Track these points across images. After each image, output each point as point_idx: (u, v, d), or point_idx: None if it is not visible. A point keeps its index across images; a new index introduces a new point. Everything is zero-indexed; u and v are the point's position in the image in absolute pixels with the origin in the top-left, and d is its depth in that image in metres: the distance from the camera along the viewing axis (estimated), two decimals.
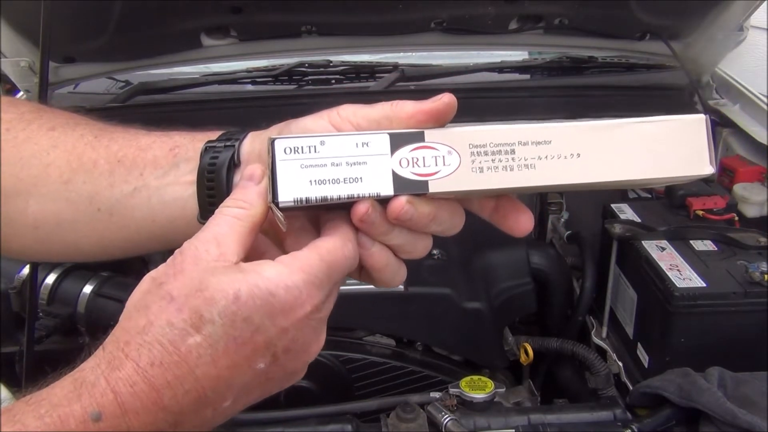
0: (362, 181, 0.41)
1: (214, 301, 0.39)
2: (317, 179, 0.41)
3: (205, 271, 0.40)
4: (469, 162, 0.42)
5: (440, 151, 0.42)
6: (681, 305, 0.95)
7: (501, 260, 1.17)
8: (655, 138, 0.42)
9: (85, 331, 1.06)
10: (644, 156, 0.42)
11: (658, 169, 0.42)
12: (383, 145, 0.42)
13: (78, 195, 0.51)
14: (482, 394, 0.87)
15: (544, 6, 1.36)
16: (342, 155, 0.42)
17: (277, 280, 0.40)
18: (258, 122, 1.47)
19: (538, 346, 1.17)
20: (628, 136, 0.42)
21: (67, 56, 1.32)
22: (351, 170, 0.41)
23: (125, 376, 0.38)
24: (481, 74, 1.57)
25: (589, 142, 0.42)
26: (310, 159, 0.41)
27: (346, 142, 0.42)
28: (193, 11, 1.28)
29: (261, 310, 0.39)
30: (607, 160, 0.42)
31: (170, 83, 1.49)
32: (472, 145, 0.42)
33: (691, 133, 0.42)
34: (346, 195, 0.41)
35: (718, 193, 1.21)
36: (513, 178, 0.42)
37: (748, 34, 1.36)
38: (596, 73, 1.59)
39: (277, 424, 0.86)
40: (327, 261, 0.42)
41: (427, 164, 0.42)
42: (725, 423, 0.76)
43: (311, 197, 0.41)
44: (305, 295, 0.41)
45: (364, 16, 1.32)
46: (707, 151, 0.42)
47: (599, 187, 0.43)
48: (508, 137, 0.42)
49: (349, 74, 1.57)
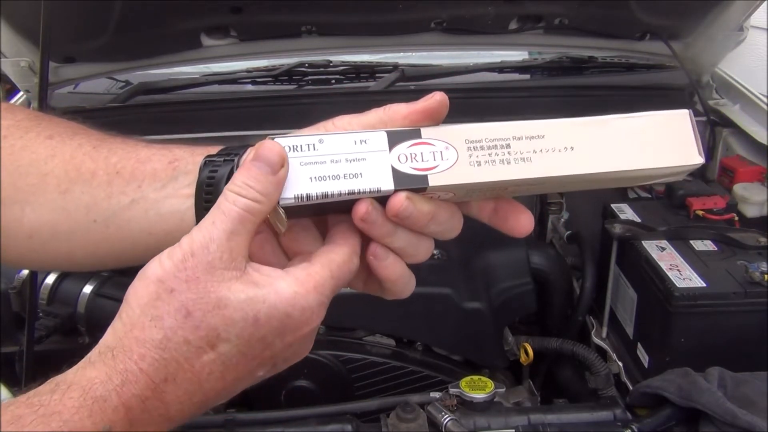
0: (362, 177, 0.41)
1: (233, 321, 0.39)
2: (317, 176, 0.41)
3: (220, 283, 0.39)
4: (466, 156, 0.42)
5: (437, 146, 0.42)
6: (681, 305, 0.95)
7: (501, 260, 1.17)
8: (643, 132, 0.44)
9: (85, 331, 1.06)
10: (636, 148, 0.43)
11: (650, 160, 0.43)
12: (381, 141, 0.42)
13: (75, 205, 0.50)
14: (482, 394, 0.87)
15: (544, 6, 1.36)
16: (341, 152, 0.42)
17: (293, 301, 0.40)
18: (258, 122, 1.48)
19: (538, 346, 1.17)
20: (619, 131, 0.44)
21: (67, 56, 1.32)
22: (350, 166, 0.42)
23: (138, 392, 0.38)
24: (481, 74, 1.57)
25: (581, 136, 0.43)
26: (309, 156, 0.41)
27: (345, 140, 0.42)
28: (193, 11, 1.28)
29: (275, 330, 0.40)
30: (599, 152, 0.43)
31: (170, 83, 1.49)
32: (468, 140, 0.43)
33: (676, 126, 0.44)
34: (347, 190, 0.41)
35: (718, 193, 1.21)
36: (510, 170, 0.42)
37: (748, 34, 1.36)
38: (596, 73, 1.59)
39: (277, 424, 0.86)
40: (336, 277, 0.42)
41: (425, 159, 0.42)
42: (725, 423, 0.76)
43: (312, 193, 0.41)
44: (315, 315, 0.41)
45: (364, 16, 1.32)
46: (694, 143, 0.44)
47: (596, 180, 0.44)
48: (503, 133, 0.43)
49: (349, 74, 1.57)
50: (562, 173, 0.43)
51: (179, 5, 1.24)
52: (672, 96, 1.48)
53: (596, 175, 0.43)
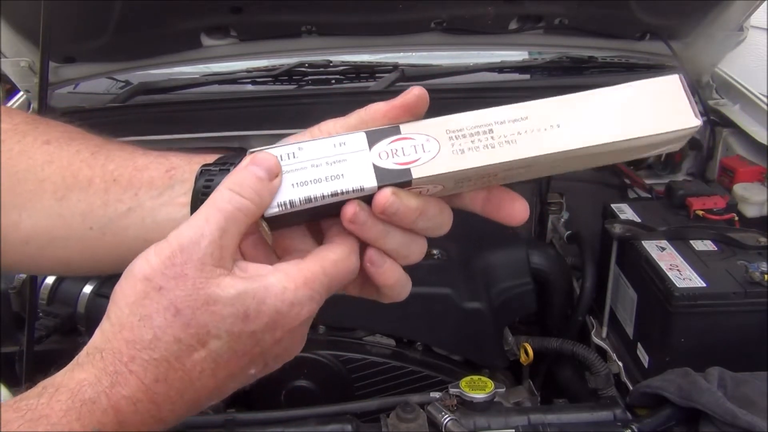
0: (344, 177, 0.41)
1: (223, 318, 0.39)
2: (299, 182, 0.41)
3: (209, 279, 0.39)
4: (449, 146, 0.42)
5: (418, 140, 0.42)
6: (681, 305, 0.95)
7: (501, 260, 1.17)
8: (633, 101, 0.42)
9: (85, 331, 1.06)
10: (626, 118, 0.42)
11: (643, 128, 0.42)
12: (360, 142, 0.42)
13: (71, 212, 0.50)
14: (482, 394, 0.87)
15: (544, 6, 1.36)
16: (321, 157, 0.42)
17: (282, 296, 0.40)
18: (258, 122, 1.47)
19: (538, 346, 1.16)
20: (606, 103, 0.42)
21: (67, 56, 1.32)
22: (331, 168, 0.41)
23: (129, 394, 0.38)
24: (481, 74, 1.57)
25: (566, 112, 0.42)
26: (289, 165, 0.42)
27: (324, 145, 0.42)
28: (193, 11, 1.28)
29: (265, 326, 0.40)
30: (587, 126, 0.42)
31: (170, 83, 1.49)
32: (449, 130, 0.42)
33: (667, 92, 0.42)
34: (330, 192, 0.41)
35: (718, 193, 1.21)
36: (496, 154, 0.42)
37: (748, 34, 1.36)
38: (596, 73, 1.59)
39: (277, 424, 0.86)
40: (330, 274, 0.42)
41: (407, 153, 0.42)
42: (725, 423, 0.76)
43: (295, 199, 0.41)
44: (305, 309, 0.41)
45: (364, 16, 1.32)
46: (688, 105, 0.42)
47: (590, 155, 0.42)
48: (484, 119, 0.42)
49: (349, 74, 1.57)
50: (550, 151, 0.42)
51: (179, 5, 1.24)
52: None
53: (587, 149, 0.42)
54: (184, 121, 1.37)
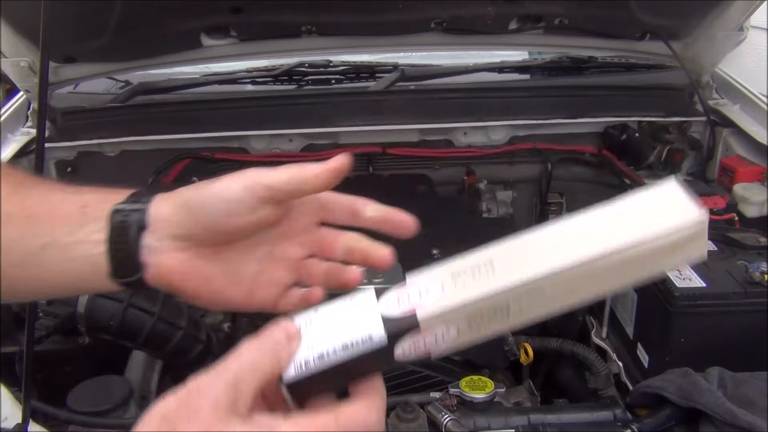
0: (353, 330, 0.43)
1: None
2: (312, 343, 0.43)
3: (221, 422, 0.39)
4: (451, 284, 0.43)
5: (422, 285, 0.44)
6: (681, 305, 0.95)
7: None
8: (631, 209, 0.43)
9: (85, 331, 1.06)
10: (629, 225, 0.42)
11: (646, 231, 0.42)
12: (369, 297, 0.44)
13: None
14: (482, 394, 0.87)
15: (544, 6, 1.36)
16: (332, 318, 0.44)
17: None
18: (258, 122, 1.47)
19: (538, 346, 1.16)
20: (604, 218, 0.43)
21: (67, 56, 1.32)
22: (341, 325, 0.43)
23: None
24: (481, 74, 1.57)
25: (564, 236, 0.43)
26: (305, 330, 0.44)
27: (336, 307, 0.45)
28: (193, 11, 1.28)
29: None
30: (588, 241, 0.42)
31: (170, 83, 1.50)
32: (452, 273, 0.43)
33: (664, 196, 0.43)
34: (340, 345, 0.43)
35: (718, 193, 1.21)
36: (497, 281, 0.42)
37: (748, 34, 1.36)
38: (596, 73, 1.60)
39: None
40: (343, 426, 0.42)
41: (411, 299, 0.43)
42: (725, 423, 0.76)
43: (309, 359, 0.42)
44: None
45: (364, 16, 1.32)
46: (688, 201, 0.42)
47: (599, 273, 0.42)
48: (483, 256, 0.43)
49: (349, 74, 1.57)
50: (555, 269, 0.41)
51: (179, 5, 1.24)
52: (672, 96, 1.49)
53: (593, 264, 0.41)
54: (184, 121, 1.37)
